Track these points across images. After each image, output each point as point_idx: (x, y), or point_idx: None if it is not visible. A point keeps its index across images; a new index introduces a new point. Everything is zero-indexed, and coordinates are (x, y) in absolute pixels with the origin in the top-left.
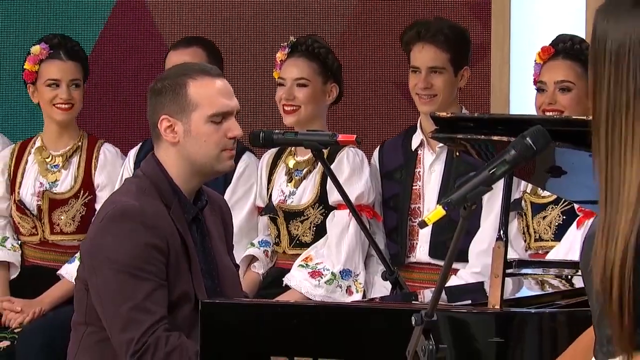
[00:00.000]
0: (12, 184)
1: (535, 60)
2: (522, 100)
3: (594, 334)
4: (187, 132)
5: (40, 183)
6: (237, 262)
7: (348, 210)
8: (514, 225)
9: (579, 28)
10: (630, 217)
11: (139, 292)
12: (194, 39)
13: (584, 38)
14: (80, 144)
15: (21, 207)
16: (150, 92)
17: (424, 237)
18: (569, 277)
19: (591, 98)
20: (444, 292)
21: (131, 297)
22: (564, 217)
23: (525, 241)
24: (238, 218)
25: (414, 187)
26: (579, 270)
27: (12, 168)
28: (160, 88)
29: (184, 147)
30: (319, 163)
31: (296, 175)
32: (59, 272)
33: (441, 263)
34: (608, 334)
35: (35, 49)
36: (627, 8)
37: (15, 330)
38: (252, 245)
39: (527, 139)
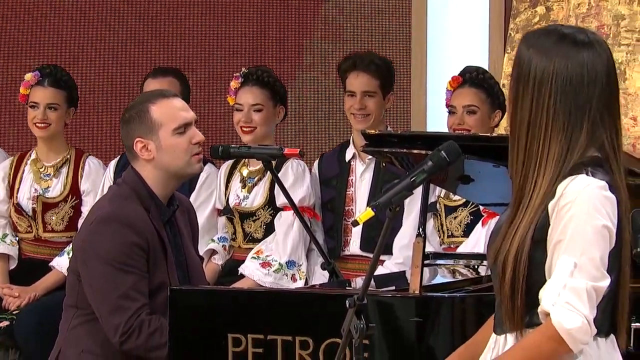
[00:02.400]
0: (11, 190)
1: (446, 88)
2: (437, 120)
3: (495, 313)
4: (159, 147)
5: (35, 189)
6: (201, 254)
7: (292, 211)
8: (431, 224)
9: (483, 60)
10: (531, 217)
11: (124, 282)
12: (169, 70)
13: (487, 69)
14: (68, 156)
15: (18, 209)
16: (121, 122)
17: (356, 234)
18: (476, 266)
19: (511, 110)
20: (372, 279)
21: (118, 287)
22: (472, 217)
23: (439, 237)
24: (201, 218)
25: (347, 192)
26: (484, 261)
27: (11, 176)
28: (128, 117)
29: (159, 161)
30: (268, 172)
31: (249, 182)
32: (50, 263)
33: (370, 255)
34: (501, 313)
35: (28, 75)
36: (553, 41)
37: (14, 312)
38: (213, 240)
39: (442, 152)
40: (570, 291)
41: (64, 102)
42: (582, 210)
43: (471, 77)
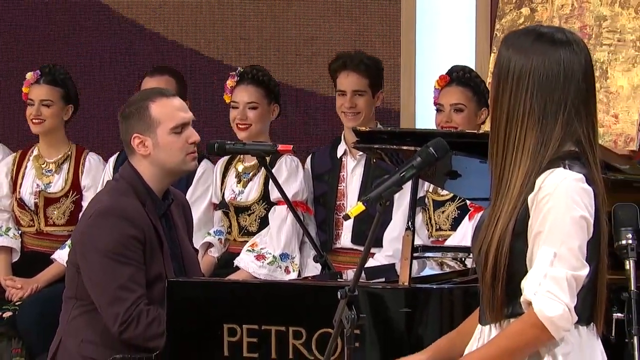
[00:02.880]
0: (14, 185)
1: (434, 86)
2: (425, 117)
3: (480, 304)
4: (155, 144)
5: (37, 184)
6: (197, 247)
7: (286, 206)
8: (419, 218)
9: (469, 60)
10: (511, 207)
11: (122, 274)
12: (166, 69)
13: (474, 68)
14: (69, 153)
15: (21, 203)
16: (121, 117)
17: (347, 228)
18: (463, 259)
19: (492, 106)
20: (363, 271)
21: (116, 279)
22: (459, 212)
23: (428, 230)
24: (197, 212)
25: (339, 187)
26: (471, 254)
27: (14, 172)
28: (128, 113)
29: (155, 157)
30: (263, 168)
31: (244, 178)
32: (52, 256)
33: (361, 248)
34: (484, 305)
35: (29, 74)
36: (531, 40)
37: (17, 303)
38: (209, 234)
39: (430, 148)
40: (551, 280)
41: (60, 100)
42: (560, 202)
43: (458, 76)
